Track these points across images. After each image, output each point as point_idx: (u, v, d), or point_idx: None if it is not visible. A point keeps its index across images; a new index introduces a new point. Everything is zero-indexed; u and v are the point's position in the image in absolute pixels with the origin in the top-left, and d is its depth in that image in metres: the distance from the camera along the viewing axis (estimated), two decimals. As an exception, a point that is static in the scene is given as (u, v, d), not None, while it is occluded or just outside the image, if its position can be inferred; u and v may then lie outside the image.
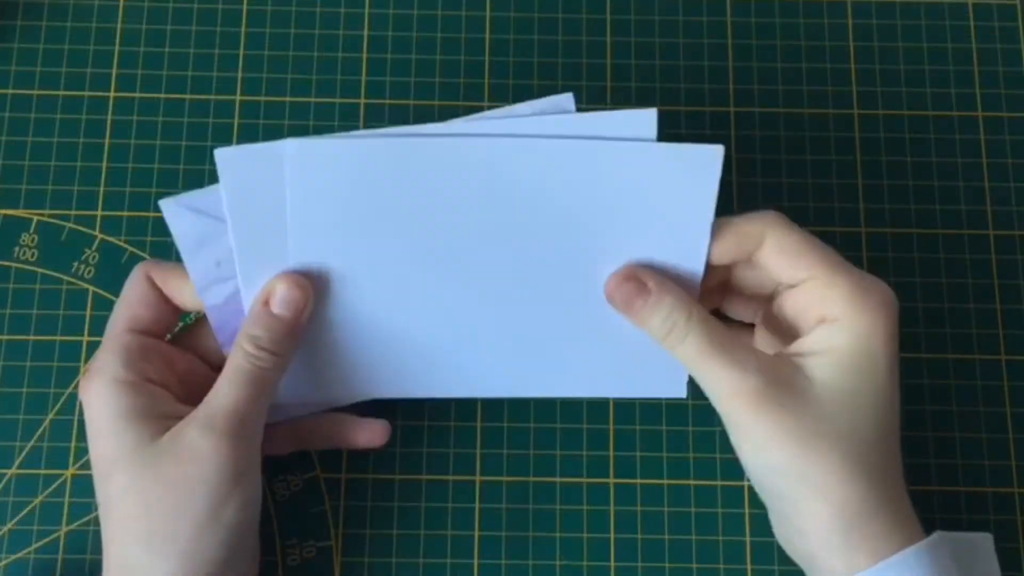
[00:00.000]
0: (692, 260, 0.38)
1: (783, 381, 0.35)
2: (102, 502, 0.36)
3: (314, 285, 0.38)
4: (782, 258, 0.37)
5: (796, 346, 0.36)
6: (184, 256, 0.37)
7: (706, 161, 0.37)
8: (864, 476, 0.34)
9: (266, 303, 0.37)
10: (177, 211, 0.38)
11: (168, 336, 0.40)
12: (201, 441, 0.35)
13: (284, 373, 0.38)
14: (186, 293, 0.38)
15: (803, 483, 0.34)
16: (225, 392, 0.36)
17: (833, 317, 0.35)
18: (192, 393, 0.38)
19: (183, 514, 0.34)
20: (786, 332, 0.38)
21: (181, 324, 0.41)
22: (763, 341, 0.40)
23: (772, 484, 0.36)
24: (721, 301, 0.41)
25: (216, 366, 0.39)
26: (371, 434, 0.41)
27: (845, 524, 0.34)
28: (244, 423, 0.36)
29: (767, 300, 0.39)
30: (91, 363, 0.37)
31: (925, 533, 0.35)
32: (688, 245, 0.38)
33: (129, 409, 0.35)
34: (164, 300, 0.38)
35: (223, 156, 0.37)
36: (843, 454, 0.34)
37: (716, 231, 0.37)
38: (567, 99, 0.38)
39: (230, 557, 0.36)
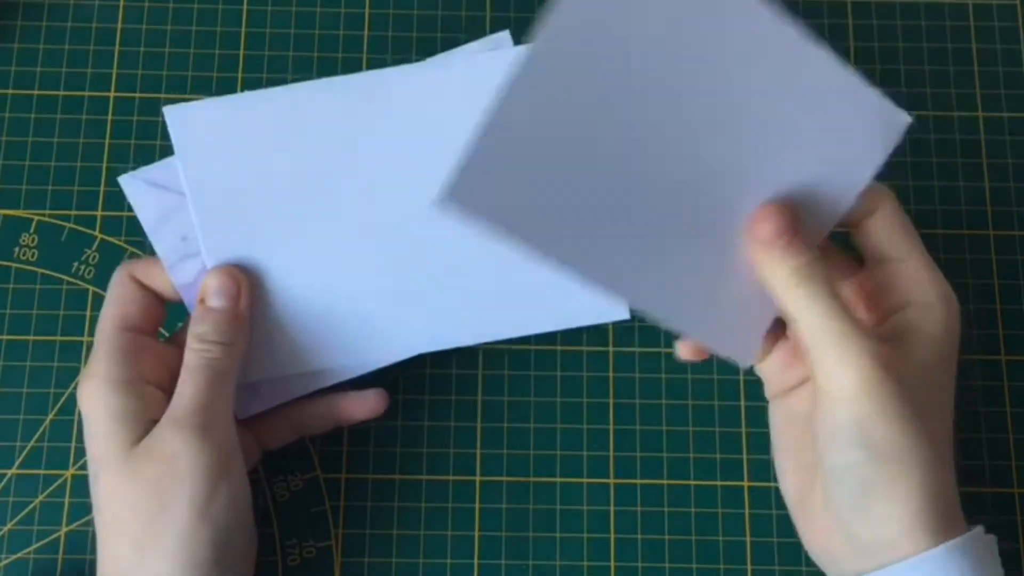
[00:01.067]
0: (826, 215, 0.36)
1: (899, 352, 0.35)
2: (94, 502, 0.37)
3: (252, 266, 0.39)
4: (891, 232, 0.37)
5: (887, 326, 0.37)
6: (148, 233, 0.38)
7: (889, 120, 0.36)
8: (949, 457, 0.35)
9: (202, 300, 0.38)
10: (137, 186, 0.38)
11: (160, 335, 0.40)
12: (171, 438, 0.35)
13: (239, 360, 0.38)
14: (171, 283, 0.39)
15: (909, 456, 0.33)
16: (185, 390, 0.36)
17: (922, 302, 0.36)
18: None
19: (167, 514, 0.35)
20: (874, 303, 0.38)
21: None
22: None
23: (868, 460, 0.34)
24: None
25: None
26: (368, 404, 0.41)
27: (936, 506, 0.34)
28: (209, 416, 0.36)
29: (855, 268, 0.39)
30: (87, 365, 0.37)
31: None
32: (832, 197, 0.36)
33: (120, 411, 0.36)
34: (150, 296, 0.39)
35: (173, 114, 0.37)
36: (940, 433, 0.35)
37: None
38: (504, 37, 0.38)
39: (221, 557, 0.36)
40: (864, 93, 0.35)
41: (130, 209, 0.46)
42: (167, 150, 0.46)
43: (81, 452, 0.43)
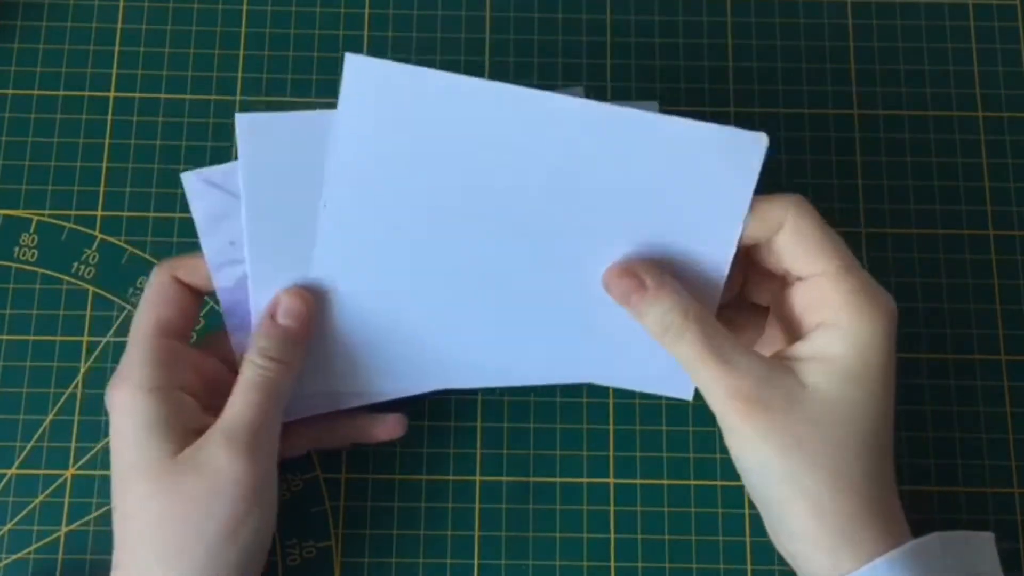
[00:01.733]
0: (719, 252, 0.37)
1: (776, 385, 0.35)
2: (119, 508, 0.36)
3: (322, 286, 0.38)
4: (796, 248, 0.36)
5: (794, 349, 0.36)
6: (200, 232, 0.38)
7: (747, 148, 0.36)
8: (853, 485, 0.34)
9: (272, 315, 0.38)
10: (197, 185, 0.38)
11: (193, 340, 0.40)
12: (219, 453, 0.35)
13: (293, 381, 0.38)
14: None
15: (790, 485, 0.34)
16: (239, 405, 0.36)
17: (834, 322, 0.35)
18: (217, 399, 0.38)
19: (200, 530, 0.34)
20: (790, 326, 0.38)
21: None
22: (772, 330, 0.40)
23: (763, 486, 0.36)
24: (741, 281, 0.41)
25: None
26: (388, 427, 0.41)
27: (832, 529, 0.34)
28: (259, 434, 0.36)
29: (782, 287, 0.39)
30: (119, 368, 0.37)
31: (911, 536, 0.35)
32: (717, 236, 0.37)
33: (155, 419, 0.35)
34: (189, 297, 0.38)
35: (244, 122, 0.36)
36: (832, 462, 0.34)
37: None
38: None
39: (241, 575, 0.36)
40: (709, 131, 0.36)
41: (130, 209, 0.46)
42: (165, 150, 0.46)
43: (81, 452, 0.43)
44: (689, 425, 0.44)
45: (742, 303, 0.41)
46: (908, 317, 0.45)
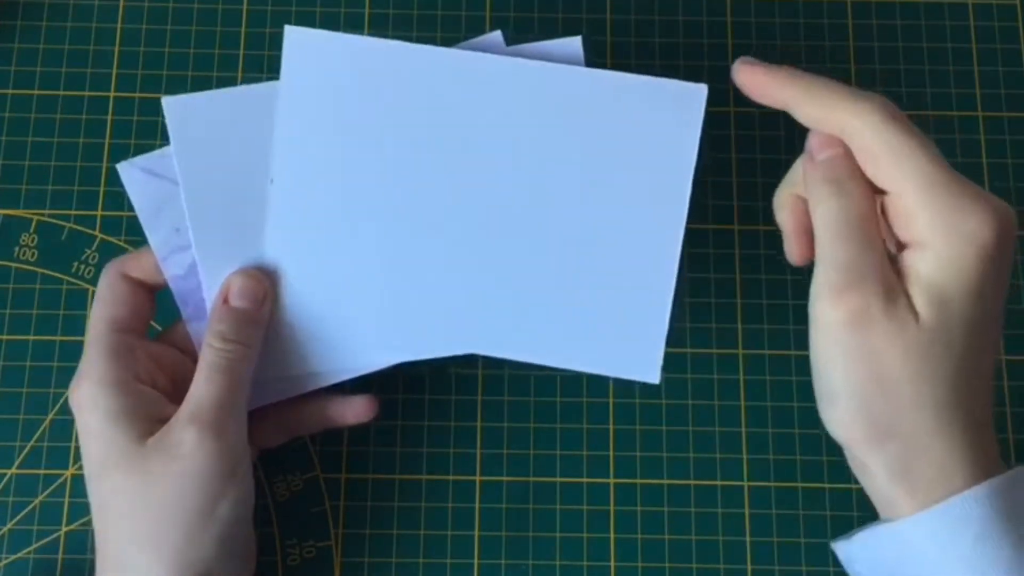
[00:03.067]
0: (673, 208, 0.37)
1: (888, 300, 0.32)
2: (95, 503, 0.36)
3: (280, 260, 0.38)
4: (875, 161, 0.33)
5: (895, 266, 0.33)
6: (143, 222, 0.38)
7: (689, 99, 0.37)
8: (950, 422, 0.32)
9: (225, 299, 0.38)
10: (133, 175, 0.38)
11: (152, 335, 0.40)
12: (186, 437, 0.35)
13: (254, 361, 0.38)
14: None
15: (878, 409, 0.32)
16: (202, 388, 0.36)
17: (922, 243, 0.32)
18: (181, 390, 0.38)
19: (176, 512, 0.35)
20: (888, 237, 0.35)
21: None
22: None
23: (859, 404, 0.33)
24: None
25: None
26: (357, 409, 0.41)
27: (908, 463, 0.32)
28: (225, 415, 0.36)
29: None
30: (78, 368, 0.37)
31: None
32: (667, 195, 0.37)
33: (118, 410, 0.36)
34: (141, 293, 0.39)
35: (172, 105, 0.37)
36: (933, 387, 0.32)
37: (817, 99, 0.34)
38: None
39: (224, 555, 0.36)
40: (649, 84, 0.37)
41: (130, 209, 0.46)
42: (167, 150, 0.46)
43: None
44: (689, 425, 0.44)
45: None
46: (908, 317, 0.45)
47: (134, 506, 0.35)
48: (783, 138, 0.47)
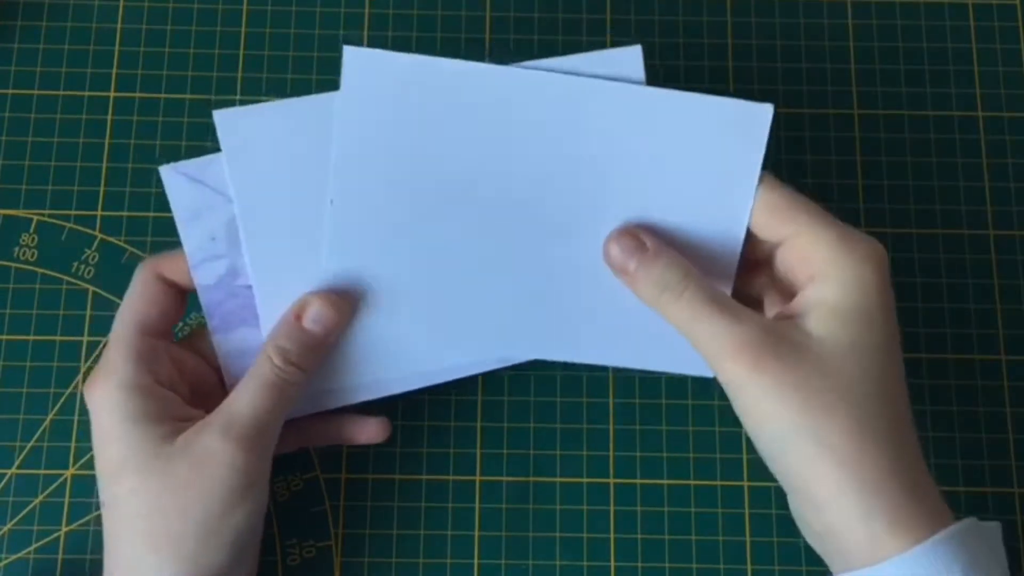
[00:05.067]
0: (732, 226, 0.37)
1: (783, 335, 0.34)
2: (108, 503, 0.36)
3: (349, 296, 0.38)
4: (771, 216, 0.36)
5: (790, 307, 0.36)
6: (180, 228, 0.38)
7: (753, 119, 0.37)
8: (874, 434, 0.33)
9: (298, 316, 0.37)
10: (176, 179, 0.38)
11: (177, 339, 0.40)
12: (218, 446, 0.35)
13: (306, 388, 0.38)
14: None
15: (812, 442, 0.33)
16: (247, 400, 0.36)
17: (822, 273, 0.35)
18: (199, 396, 0.38)
19: (192, 517, 0.35)
20: (784, 290, 0.38)
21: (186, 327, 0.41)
22: (769, 311, 0.40)
23: (781, 452, 0.34)
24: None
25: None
26: (371, 431, 0.41)
27: (861, 486, 0.32)
28: (262, 433, 0.36)
29: (770, 258, 0.39)
30: (98, 366, 0.37)
31: (948, 507, 0.34)
32: (727, 210, 0.37)
33: (140, 412, 0.35)
34: (172, 294, 0.38)
35: (223, 118, 0.37)
36: (850, 408, 0.33)
37: None
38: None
39: (234, 562, 0.36)
40: (713, 104, 0.37)
41: (130, 209, 0.46)
42: (166, 149, 0.46)
43: (81, 452, 0.43)
44: (689, 425, 0.44)
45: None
46: (908, 317, 0.45)
47: (152, 508, 0.35)
48: (783, 138, 0.47)
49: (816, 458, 0.33)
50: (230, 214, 0.38)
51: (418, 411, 0.44)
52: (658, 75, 0.48)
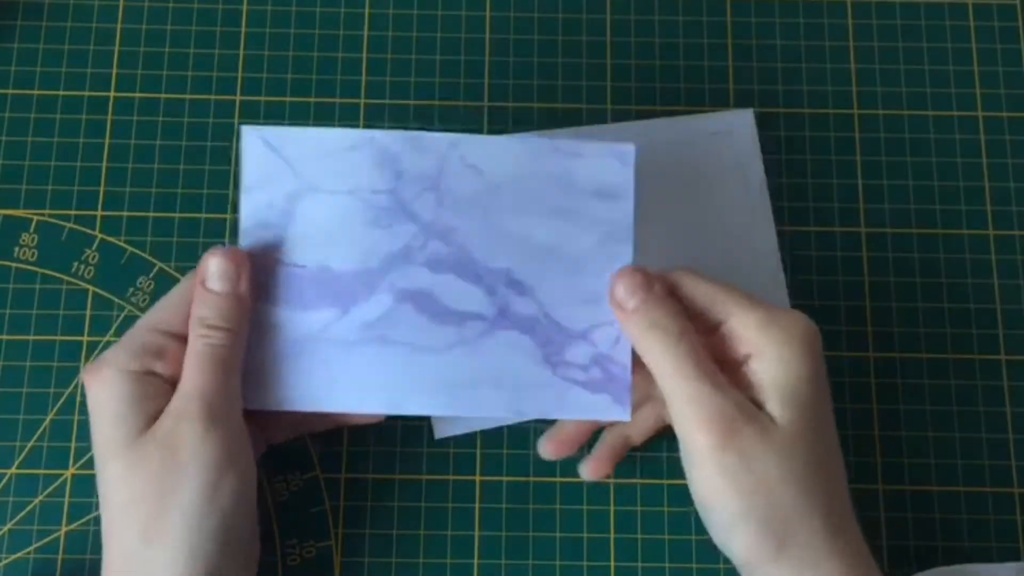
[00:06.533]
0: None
1: (751, 416, 0.35)
2: (100, 485, 0.36)
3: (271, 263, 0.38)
4: (711, 298, 0.37)
5: (744, 383, 0.37)
6: (242, 189, 0.38)
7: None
8: (813, 511, 0.35)
9: (203, 282, 0.37)
10: (254, 141, 0.38)
11: None
12: (176, 427, 0.35)
13: (243, 344, 0.37)
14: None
15: (757, 525, 0.35)
16: (189, 377, 0.36)
17: (758, 352, 0.36)
18: None
19: (173, 502, 0.35)
20: (724, 363, 0.38)
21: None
22: None
23: (727, 530, 0.36)
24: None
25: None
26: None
27: (800, 564, 0.35)
28: (214, 401, 0.36)
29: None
30: (102, 354, 0.37)
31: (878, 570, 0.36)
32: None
33: (128, 398, 0.36)
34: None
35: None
36: (797, 489, 0.35)
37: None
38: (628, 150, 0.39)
39: (227, 551, 0.36)
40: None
41: (130, 209, 0.46)
42: (167, 150, 0.46)
43: (81, 452, 0.43)
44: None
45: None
46: (908, 317, 0.45)
47: (131, 497, 0.35)
48: (783, 138, 0.47)
49: (759, 539, 0.35)
50: (292, 188, 0.38)
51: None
52: (658, 75, 0.48)
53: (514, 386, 0.39)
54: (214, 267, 0.37)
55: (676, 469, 0.43)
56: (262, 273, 0.38)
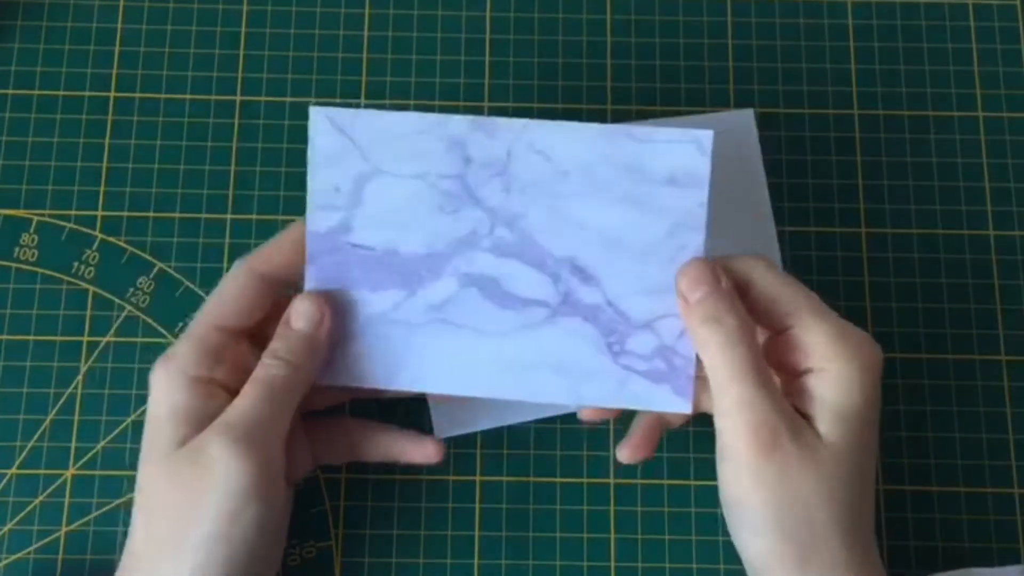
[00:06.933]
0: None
1: (799, 430, 0.35)
2: (138, 481, 0.37)
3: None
4: (766, 305, 0.37)
5: (796, 397, 0.36)
6: (310, 169, 0.38)
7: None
8: (841, 533, 0.34)
9: (286, 320, 0.38)
10: (322, 122, 0.38)
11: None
12: (212, 445, 0.35)
13: (304, 384, 0.37)
14: (292, 265, 0.39)
15: (782, 536, 0.34)
16: (242, 402, 0.36)
17: (821, 368, 0.36)
18: None
19: (193, 520, 0.34)
20: (781, 366, 0.38)
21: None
22: None
23: (751, 532, 0.35)
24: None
25: None
26: (428, 451, 0.40)
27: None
28: (257, 430, 0.36)
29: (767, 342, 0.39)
30: (172, 347, 0.37)
31: None
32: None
33: (182, 407, 0.36)
34: (258, 291, 0.38)
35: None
36: (830, 510, 0.34)
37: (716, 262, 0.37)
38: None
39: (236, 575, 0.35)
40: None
41: (130, 209, 0.46)
42: (167, 150, 0.46)
43: (81, 452, 0.43)
44: (689, 425, 0.44)
45: None
46: (908, 317, 0.45)
47: (161, 504, 0.35)
48: (783, 138, 0.47)
49: (783, 549, 0.34)
50: (360, 170, 0.38)
51: (419, 412, 0.44)
52: (657, 74, 0.48)
53: (575, 373, 0.38)
54: (301, 308, 0.38)
55: (677, 469, 0.43)
56: (330, 259, 0.38)
